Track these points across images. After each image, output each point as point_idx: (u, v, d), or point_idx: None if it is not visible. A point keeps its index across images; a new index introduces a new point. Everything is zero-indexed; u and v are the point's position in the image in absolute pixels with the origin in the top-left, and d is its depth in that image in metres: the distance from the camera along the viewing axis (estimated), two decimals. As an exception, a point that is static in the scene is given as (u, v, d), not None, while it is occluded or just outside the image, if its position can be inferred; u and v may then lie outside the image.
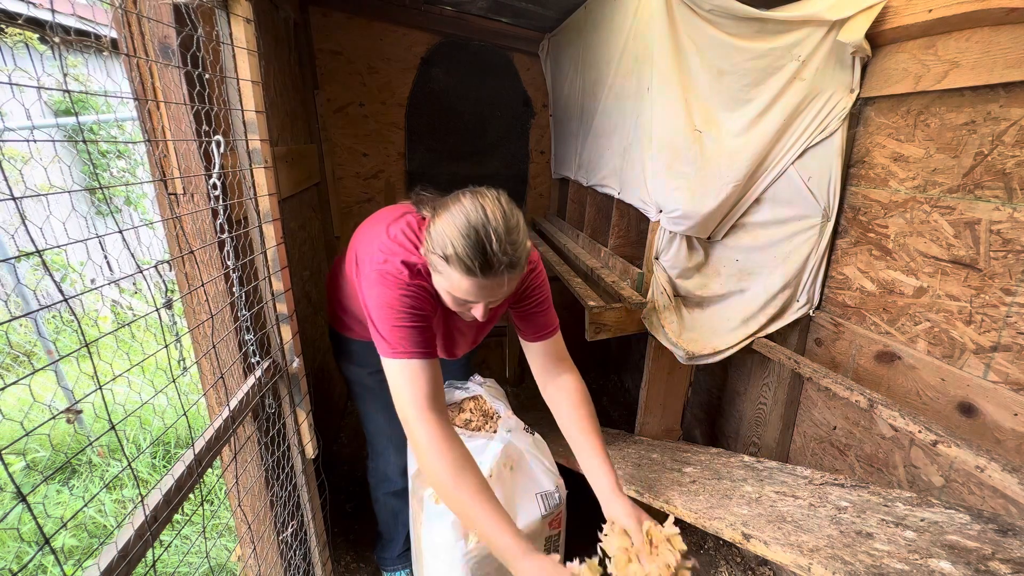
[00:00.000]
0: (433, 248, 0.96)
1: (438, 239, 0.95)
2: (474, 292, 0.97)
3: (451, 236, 0.92)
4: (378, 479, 1.60)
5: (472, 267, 0.92)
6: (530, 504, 1.30)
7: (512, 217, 0.97)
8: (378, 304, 1.01)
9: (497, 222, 0.93)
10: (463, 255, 0.92)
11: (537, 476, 1.35)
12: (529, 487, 1.33)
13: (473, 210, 0.93)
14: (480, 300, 1.00)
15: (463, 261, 0.92)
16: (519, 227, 0.97)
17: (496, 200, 0.97)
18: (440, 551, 1.27)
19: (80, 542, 1.96)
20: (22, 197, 0.53)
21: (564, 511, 1.38)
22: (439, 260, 0.96)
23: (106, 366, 1.75)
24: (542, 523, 1.30)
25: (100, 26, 0.91)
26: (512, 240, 0.94)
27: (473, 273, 0.93)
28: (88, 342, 0.57)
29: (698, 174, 1.43)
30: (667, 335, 1.53)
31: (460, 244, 0.91)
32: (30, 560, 0.65)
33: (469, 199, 0.96)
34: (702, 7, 1.32)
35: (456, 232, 0.92)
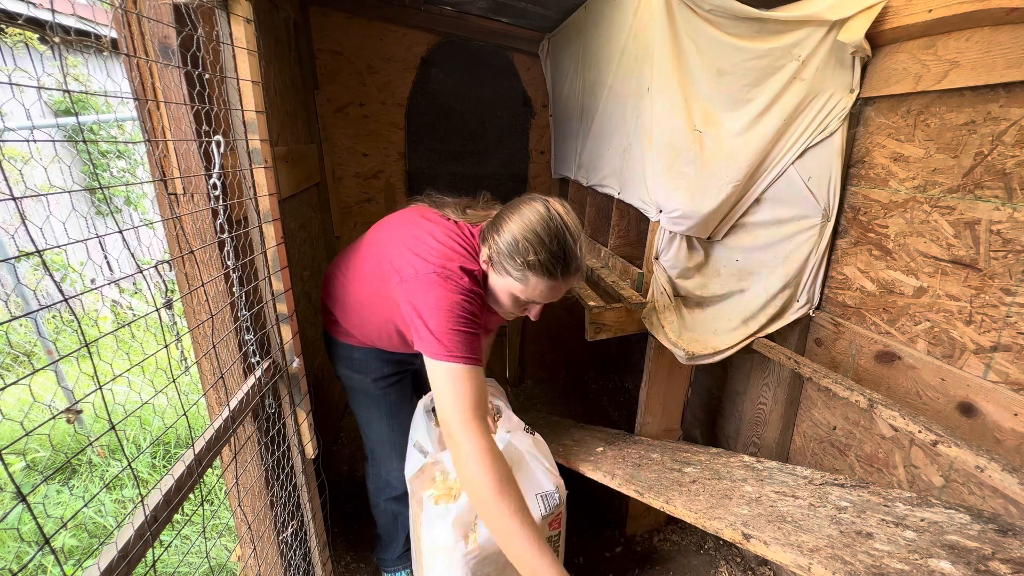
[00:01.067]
0: (509, 253, 1.00)
1: (516, 245, 0.98)
2: (548, 294, 1.03)
3: (533, 242, 0.97)
4: (379, 486, 1.57)
5: (555, 271, 0.98)
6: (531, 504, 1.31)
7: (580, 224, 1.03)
8: (436, 306, 0.99)
9: (576, 228, 1.00)
10: (546, 260, 0.97)
11: (537, 477, 1.36)
12: (529, 487, 1.33)
13: (550, 217, 0.98)
14: (551, 299, 1.06)
15: (546, 266, 0.98)
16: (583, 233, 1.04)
17: (567, 208, 1.02)
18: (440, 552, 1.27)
19: (80, 542, 1.96)
20: (22, 197, 0.53)
21: (564, 511, 1.38)
22: (515, 267, 1.00)
23: (106, 366, 1.75)
24: (542, 523, 1.30)
25: (100, 26, 0.91)
26: (580, 242, 1.01)
27: (554, 276, 0.99)
28: (88, 342, 0.57)
29: (698, 174, 1.43)
30: (667, 335, 1.53)
31: (543, 250, 0.97)
32: (30, 560, 0.65)
33: (542, 205, 1.00)
34: (702, 7, 1.32)
35: (537, 238, 0.97)
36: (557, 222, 0.98)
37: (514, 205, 1.04)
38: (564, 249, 0.97)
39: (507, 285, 1.04)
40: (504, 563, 1.28)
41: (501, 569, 1.29)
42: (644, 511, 1.94)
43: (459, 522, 1.22)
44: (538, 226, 0.97)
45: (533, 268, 0.98)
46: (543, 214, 0.98)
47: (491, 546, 1.24)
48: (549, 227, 0.97)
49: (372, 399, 1.42)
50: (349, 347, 1.37)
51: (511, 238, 0.99)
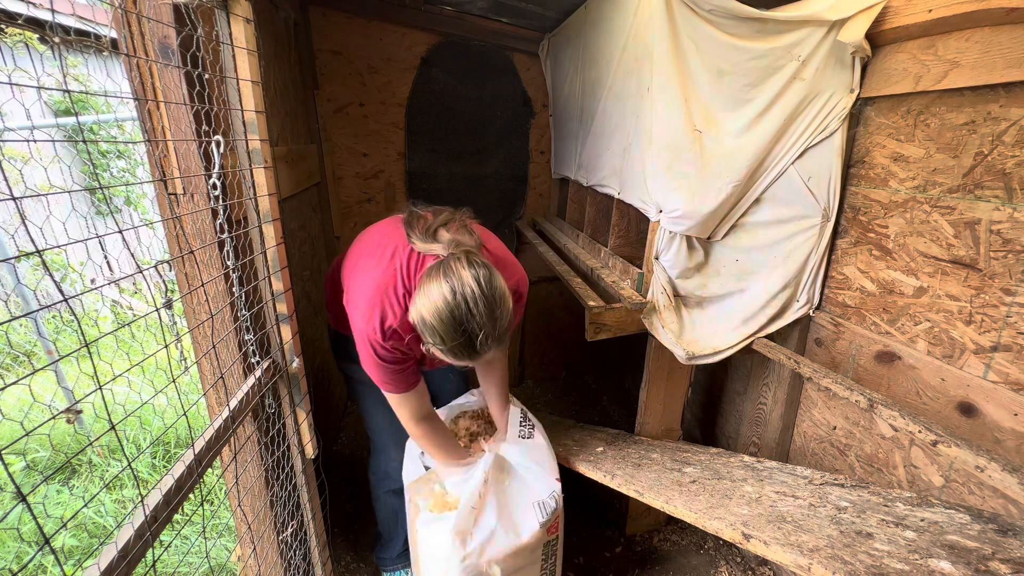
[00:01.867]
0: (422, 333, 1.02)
1: (424, 326, 1.00)
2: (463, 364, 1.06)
3: (436, 328, 0.97)
4: (379, 476, 1.61)
5: (461, 355, 1.01)
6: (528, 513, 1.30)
7: (495, 297, 0.97)
8: (364, 360, 1.16)
9: (480, 314, 0.95)
10: (452, 348, 0.99)
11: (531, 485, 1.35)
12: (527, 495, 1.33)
13: (456, 305, 0.95)
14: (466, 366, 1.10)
15: (453, 353, 1.00)
16: (502, 300, 0.99)
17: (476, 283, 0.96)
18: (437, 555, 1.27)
19: (80, 542, 1.96)
20: (22, 197, 0.53)
21: (561, 514, 1.38)
22: (430, 345, 1.03)
23: (106, 366, 1.75)
24: (541, 532, 1.30)
25: (100, 26, 0.91)
26: (495, 319, 0.97)
27: (461, 359, 1.02)
28: (88, 342, 0.57)
29: (698, 174, 1.43)
30: (667, 335, 1.53)
31: (447, 338, 0.97)
32: (30, 560, 0.65)
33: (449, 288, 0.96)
34: (702, 7, 1.32)
35: (442, 326, 0.96)
36: (463, 311, 0.95)
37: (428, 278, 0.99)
38: (470, 339, 0.97)
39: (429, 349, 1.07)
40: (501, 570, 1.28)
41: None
42: (644, 511, 1.94)
43: (457, 530, 1.22)
44: (444, 314, 0.95)
45: (443, 352, 1.01)
46: (448, 302, 0.95)
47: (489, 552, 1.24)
48: (455, 316, 0.95)
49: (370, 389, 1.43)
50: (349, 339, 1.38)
51: (419, 317, 0.99)
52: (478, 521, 1.25)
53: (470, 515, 1.24)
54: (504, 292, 1.01)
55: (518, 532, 1.28)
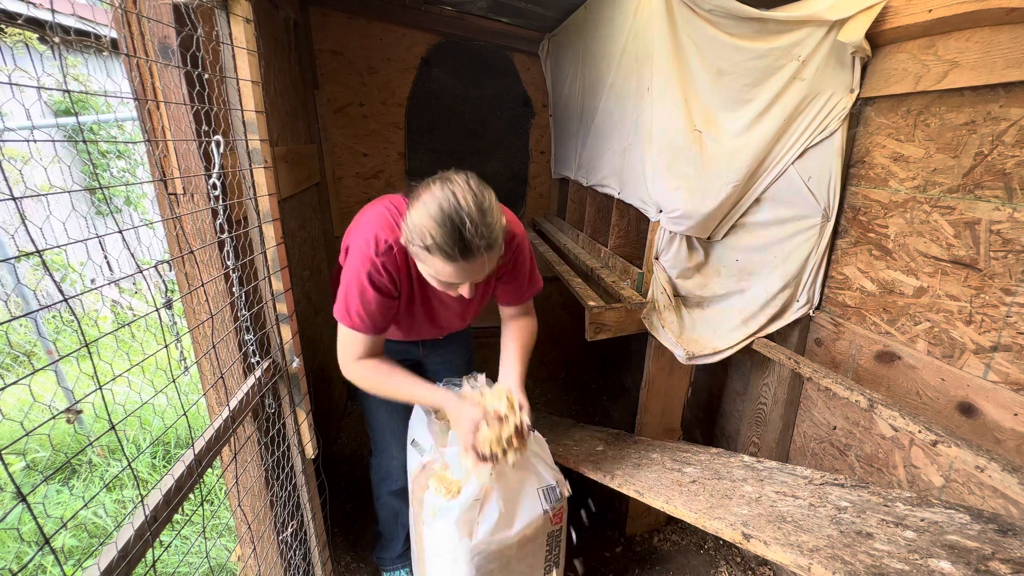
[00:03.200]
0: (412, 239, 1.02)
1: (415, 229, 1.00)
2: (457, 275, 1.04)
3: (427, 226, 0.97)
4: (380, 476, 1.60)
5: (452, 253, 0.98)
6: (532, 500, 1.31)
7: (484, 199, 1.00)
8: (349, 277, 1.14)
9: (469, 207, 0.97)
10: (442, 243, 0.97)
11: (539, 471, 1.36)
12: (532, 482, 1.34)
13: (444, 198, 0.97)
14: (464, 281, 1.07)
15: (443, 249, 0.98)
16: (492, 207, 1.02)
17: (466, 184, 1.00)
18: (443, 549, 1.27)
19: (80, 542, 1.96)
20: (22, 197, 0.53)
21: (565, 506, 1.38)
22: (420, 250, 1.02)
23: (106, 366, 1.75)
24: (544, 518, 1.30)
25: (100, 26, 0.91)
26: (487, 222, 0.99)
27: (454, 259, 0.99)
28: (88, 342, 0.57)
29: (698, 174, 1.43)
30: (667, 335, 1.53)
31: (437, 233, 0.96)
32: (30, 560, 0.65)
33: (439, 187, 0.99)
34: (702, 7, 1.32)
35: (431, 222, 0.97)
36: (452, 203, 0.96)
37: (420, 188, 1.03)
38: (458, 231, 0.96)
39: (422, 267, 1.09)
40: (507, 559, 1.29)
41: (504, 565, 1.29)
42: (644, 511, 1.94)
43: (461, 521, 1.22)
44: (432, 208, 0.97)
45: (432, 251, 0.99)
46: (437, 195, 0.98)
47: (494, 543, 1.24)
48: (443, 208, 0.96)
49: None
50: None
51: (412, 222, 1.00)
52: (483, 510, 1.24)
53: (474, 506, 1.23)
54: (494, 200, 1.04)
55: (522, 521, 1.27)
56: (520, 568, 1.32)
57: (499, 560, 1.27)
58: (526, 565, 1.33)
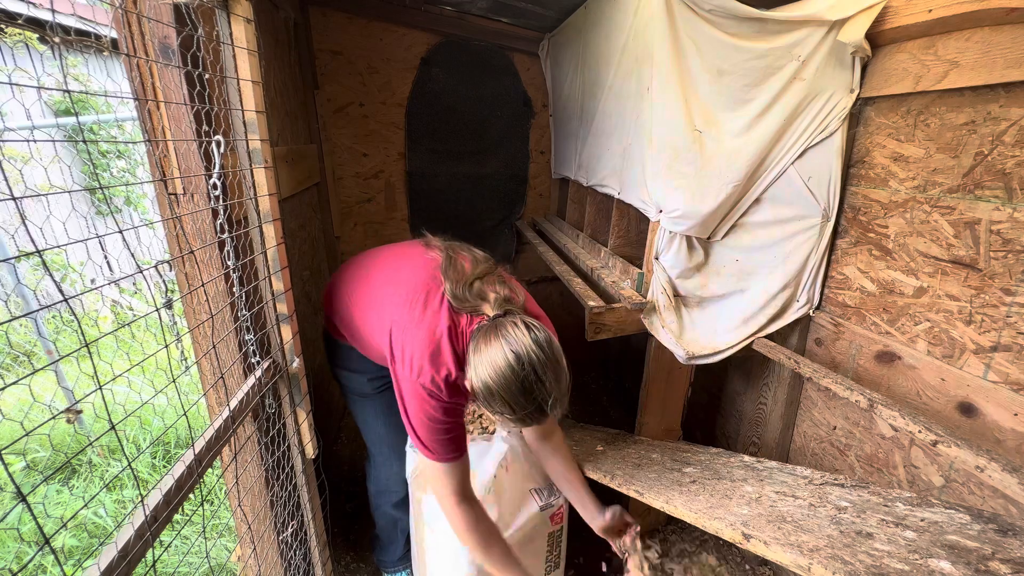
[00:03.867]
0: (486, 402, 0.97)
1: (491, 397, 0.94)
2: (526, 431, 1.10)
3: (507, 399, 0.92)
4: (379, 488, 1.58)
5: (530, 421, 0.97)
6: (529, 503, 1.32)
7: (554, 353, 0.95)
8: (419, 417, 1.04)
9: (549, 380, 0.93)
10: (523, 418, 0.95)
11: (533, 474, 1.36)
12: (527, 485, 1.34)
13: (519, 366, 0.91)
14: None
15: (522, 421, 0.97)
16: (563, 366, 0.97)
17: (538, 346, 0.94)
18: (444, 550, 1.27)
19: (80, 542, 1.96)
20: (22, 197, 0.53)
21: (566, 507, 1.38)
22: (492, 411, 0.97)
23: (106, 366, 1.75)
24: (541, 515, 1.30)
25: (100, 26, 0.91)
26: (560, 382, 0.95)
27: (528, 425, 1.00)
28: (88, 342, 0.57)
29: (698, 174, 1.42)
30: (667, 335, 1.53)
31: (519, 409, 0.93)
32: (30, 560, 0.65)
33: (512, 355, 0.92)
34: (702, 7, 1.32)
35: (512, 396, 0.92)
36: (531, 380, 0.91)
37: (488, 342, 0.95)
38: (540, 405, 0.93)
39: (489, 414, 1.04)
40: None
41: None
42: (644, 511, 1.94)
43: None
44: (513, 384, 0.91)
45: (510, 421, 0.97)
46: (515, 370, 0.91)
47: None
48: (525, 386, 0.91)
49: (368, 399, 1.43)
50: (347, 348, 1.37)
51: (482, 385, 0.94)
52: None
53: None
54: (561, 353, 0.99)
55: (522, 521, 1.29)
56: None
57: None
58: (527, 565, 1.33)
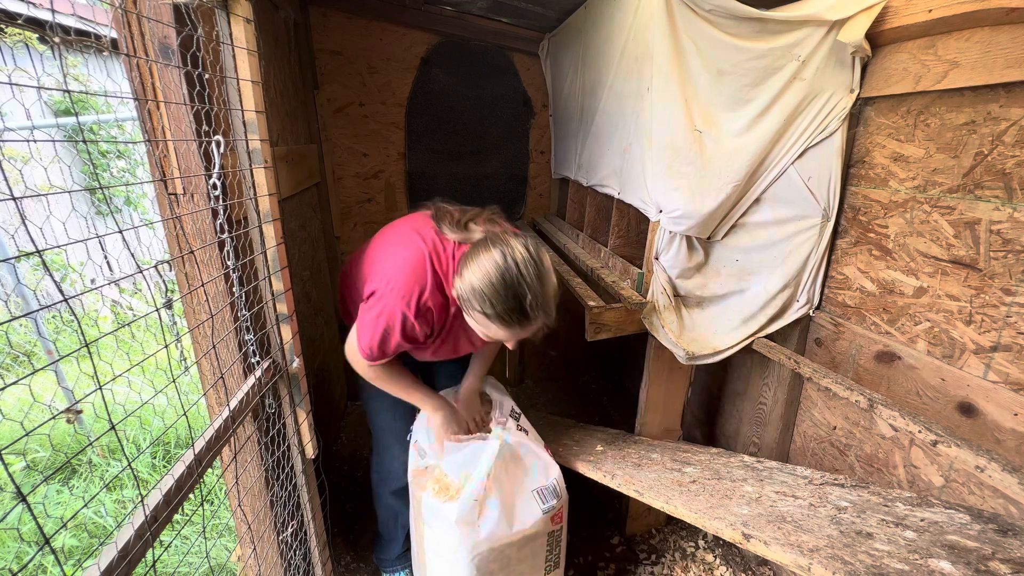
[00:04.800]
0: (469, 301, 1.04)
1: (473, 293, 1.01)
2: (511, 337, 1.08)
3: (487, 294, 0.99)
4: (381, 475, 1.61)
5: (511, 322, 1.01)
6: (530, 501, 1.31)
7: (542, 266, 1.02)
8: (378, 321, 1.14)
9: (531, 276, 0.98)
10: (502, 313, 0.99)
11: (533, 473, 1.36)
12: (526, 484, 1.34)
13: (505, 266, 0.98)
14: (513, 340, 1.11)
15: (502, 318, 1.00)
16: (549, 273, 1.03)
17: (525, 250, 1.01)
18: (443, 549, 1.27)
19: (80, 542, 1.96)
20: (22, 197, 0.53)
21: (566, 504, 1.38)
22: (477, 314, 1.04)
23: (106, 366, 1.75)
24: (544, 519, 1.30)
25: (100, 26, 0.91)
26: (545, 293, 1.01)
27: (511, 326, 1.02)
28: (88, 342, 0.57)
29: (698, 174, 1.42)
30: (667, 335, 1.53)
31: (498, 303, 0.98)
32: (30, 560, 0.65)
33: (500, 254, 1.00)
34: (702, 7, 1.32)
35: (492, 290, 0.98)
36: (513, 273, 0.98)
37: (477, 248, 1.04)
38: (520, 302, 0.98)
39: (473, 324, 1.11)
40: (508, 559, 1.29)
41: (505, 565, 1.29)
42: (644, 511, 1.94)
43: (462, 521, 1.23)
44: (494, 277, 0.98)
45: (491, 319, 1.02)
46: (499, 265, 0.98)
47: (495, 542, 1.25)
48: (505, 279, 0.98)
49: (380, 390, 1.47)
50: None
51: (469, 286, 1.02)
52: (483, 511, 1.26)
53: (474, 507, 1.25)
54: (550, 264, 1.05)
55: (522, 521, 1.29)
56: (520, 568, 1.33)
57: (499, 560, 1.27)
58: (527, 565, 1.33)
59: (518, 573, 1.33)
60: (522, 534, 1.28)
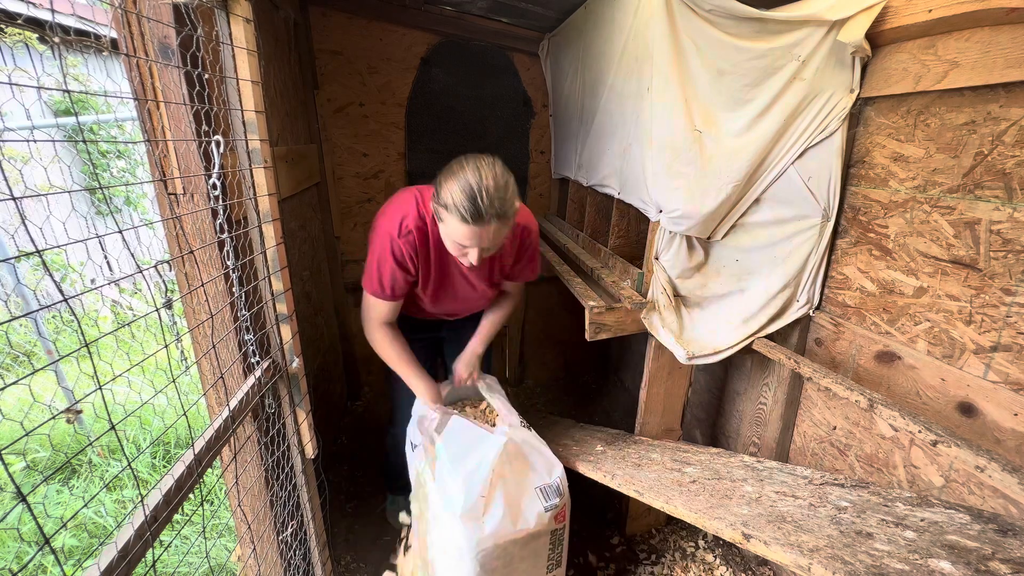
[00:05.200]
0: (438, 201, 1.21)
1: (443, 193, 1.19)
2: (468, 237, 1.20)
3: (451, 189, 1.16)
4: (398, 440, 1.73)
5: (465, 216, 1.15)
6: (532, 501, 1.31)
7: (502, 179, 1.19)
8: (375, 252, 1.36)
9: (489, 181, 1.16)
10: (459, 205, 1.15)
11: (538, 469, 1.37)
12: (530, 481, 1.34)
13: (472, 170, 1.17)
14: (474, 245, 1.23)
15: (459, 210, 1.16)
16: (508, 187, 1.20)
17: (491, 165, 1.20)
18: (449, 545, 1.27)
19: (80, 542, 1.96)
20: (22, 197, 0.53)
21: (568, 503, 1.38)
22: (442, 209, 1.20)
23: (106, 366, 1.75)
24: (547, 516, 1.30)
25: (100, 26, 0.91)
26: (500, 197, 1.17)
27: (466, 221, 1.16)
28: (88, 342, 0.57)
29: (698, 174, 1.42)
30: (667, 335, 1.53)
31: (457, 196, 1.15)
32: (30, 560, 0.65)
33: (469, 162, 1.19)
34: (702, 7, 1.32)
35: (456, 186, 1.16)
36: (475, 175, 1.16)
37: (454, 161, 1.23)
38: (475, 197, 1.14)
39: (442, 228, 1.27)
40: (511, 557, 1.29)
41: (508, 563, 1.29)
42: (644, 511, 1.94)
43: (467, 516, 1.23)
44: (459, 177, 1.16)
45: (450, 210, 1.17)
46: (466, 169, 1.17)
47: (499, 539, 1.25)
48: (467, 178, 1.16)
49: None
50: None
51: (441, 187, 1.20)
52: (488, 507, 1.27)
53: (479, 503, 1.26)
54: (513, 184, 1.22)
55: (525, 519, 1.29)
56: (523, 567, 1.33)
57: (503, 557, 1.27)
58: (529, 564, 1.33)
59: (521, 571, 1.33)
60: (526, 532, 1.28)
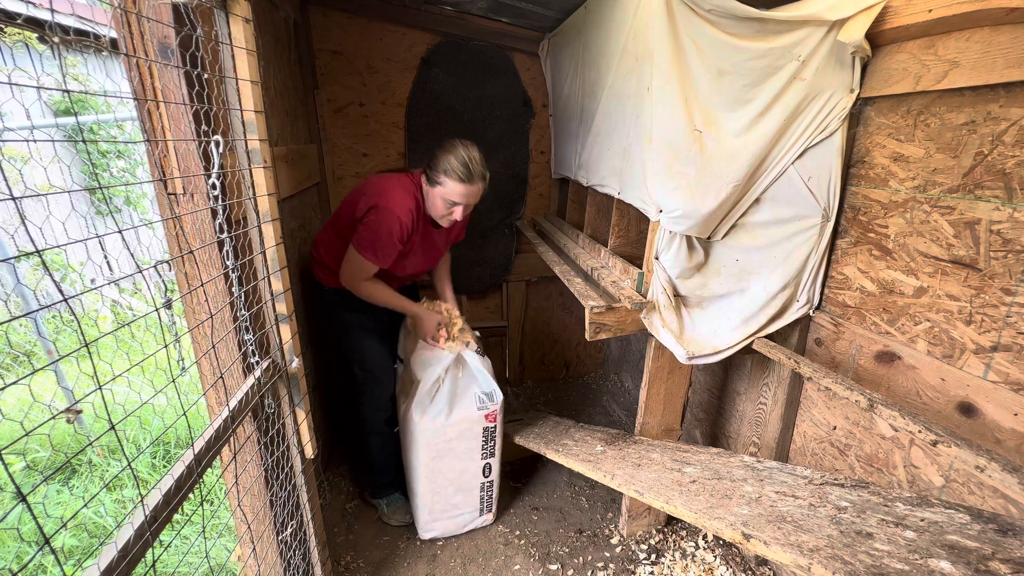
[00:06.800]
0: (437, 168, 1.60)
1: (440, 164, 1.59)
2: (462, 194, 1.61)
3: (449, 160, 1.58)
4: (372, 409, 1.87)
5: (463, 176, 1.57)
6: (470, 399, 1.75)
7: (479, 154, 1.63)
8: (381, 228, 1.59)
9: (474, 152, 1.60)
10: (456, 169, 1.57)
11: (479, 381, 1.80)
12: (471, 389, 1.77)
13: (461, 147, 1.60)
14: (463, 202, 1.63)
15: (456, 172, 1.57)
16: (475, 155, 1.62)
17: (472, 144, 1.63)
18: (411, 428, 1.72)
19: (80, 542, 1.96)
20: (22, 197, 0.53)
21: (500, 412, 1.78)
22: (441, 174, 1.59)
23: (106, 366, 1.75)
24: (479, 415, 1.74)
25: (100, 26, 0.91)
26: (482, 164, 1.62)
27: (463, 181, 1.58)
28: (88, 342, 0.57)
29: (698, 174, 1.42)
30: (667, 335, 1.53)
31: (454, 163, 1.57)
32: (30, 560, 0.65)
33: (456, 142, 1.61)
34: (702, 7, 1.32)
35: (452, 157, 1.58)
36: (465, 149, 1.59)
37: (443, 144, 1.62)
38: (467, 163, 1.57)
39: (438, 191, 1.62)
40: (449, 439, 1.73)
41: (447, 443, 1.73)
42: (644, 511, 1.94)
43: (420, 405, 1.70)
44: (453, 151, 1.58)
45: (449, 174, 1.57)
46: (457, 146, 1.59)
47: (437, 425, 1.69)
48: (458, 150, 1.58)
49: (367, 330, 1.84)
50: (341, 289, 1.75)
51: (437, 160, 1.60)
52: (433, 399, 1.71)
53: (427, 395, 1.71)
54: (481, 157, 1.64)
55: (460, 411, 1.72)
56: (460, 448, 1.77)
57: (443, 439, 1.72)
58: (465, 447, 1.78)
59: (459, 452, 1.77)
60: (462, 425, 1.72)
